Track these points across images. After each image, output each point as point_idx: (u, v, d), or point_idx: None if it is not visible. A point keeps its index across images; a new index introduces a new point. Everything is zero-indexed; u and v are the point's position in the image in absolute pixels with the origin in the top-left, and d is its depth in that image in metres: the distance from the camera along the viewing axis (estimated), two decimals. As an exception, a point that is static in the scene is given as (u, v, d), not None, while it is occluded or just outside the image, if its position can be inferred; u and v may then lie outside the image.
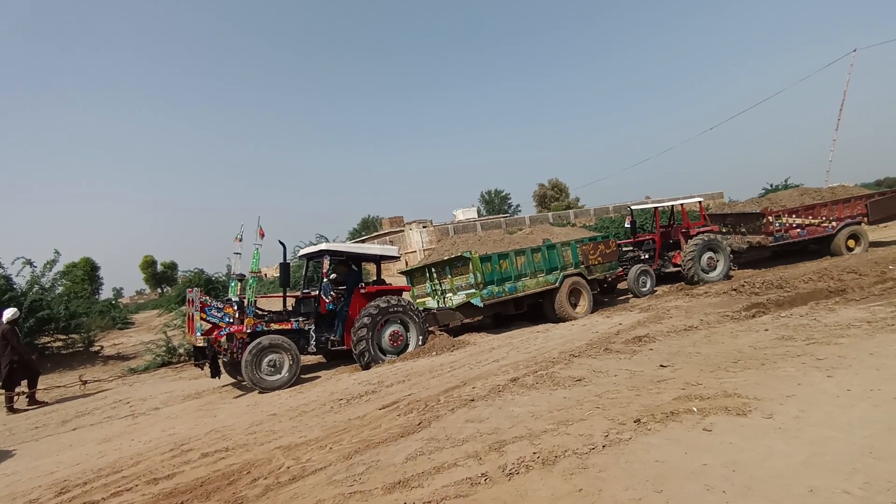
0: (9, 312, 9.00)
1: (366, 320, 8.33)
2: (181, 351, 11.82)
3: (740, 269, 13.18)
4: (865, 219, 13.11)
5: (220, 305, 7.93)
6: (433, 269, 10.53)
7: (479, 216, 44.06)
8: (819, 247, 13.39)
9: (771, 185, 23.64)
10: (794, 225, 12.75)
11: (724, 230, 13.92)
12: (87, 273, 41.99)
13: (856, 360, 4.43)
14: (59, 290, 13.83)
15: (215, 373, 8.31)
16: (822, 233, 12.92)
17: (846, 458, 2.80)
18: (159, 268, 57.56)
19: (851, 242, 12.99)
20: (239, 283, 8.25)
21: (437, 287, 10.49)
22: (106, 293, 48.45)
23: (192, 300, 7.83)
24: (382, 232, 38.91)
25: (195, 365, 8.53)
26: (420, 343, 8.91)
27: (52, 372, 11.85)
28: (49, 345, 12.45)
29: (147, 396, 8.74)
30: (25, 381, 9.13)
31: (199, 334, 7.66)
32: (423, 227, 29.77)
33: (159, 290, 57.10)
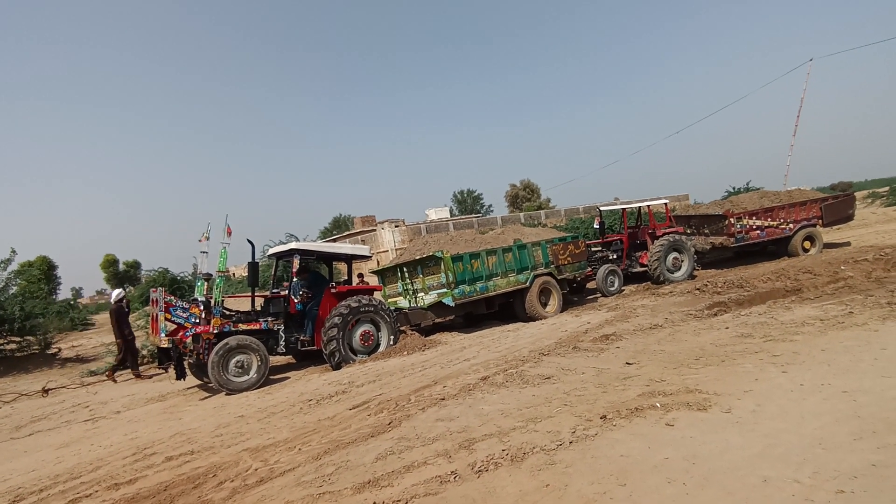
0: (117, 292, 9.03)
1: (336, 320, 8.26)
2: (145, 353, 11.48)
3: (704, 269, 13.60)
4: (820, 221, 13.70)
5: (186, 305, 7.74)
6: (405, 269, 10.52)
7: (451, 216, 44.18)
8: (777, 248, 13.92)
9: (733, 188, 24.34)
10: (754, 227, 13.22)
11: (688, 231, 14.32)
12: (44, 272, 40.26)
13: (809, 357, 4.64)
14: (14, 290, 13.27)
15: (180, 375, 8.10)
16: (780, 234, 13.45)
17: (797, 449, 2.94)
18: (121, 267, 55.60)
19: (807, 244, 13.56)
20: (206, 283, 8.07)
21: (409, 287, 10.48)
22: (64, 293, 46.70)
23: (157, 300, 7.63)
24: (354, 231, 38.61)
25: (159, 367, 8.31)
26: (391, 343, 8.89)
27: (6, 376, 11.35)
28: (2, 347, 11.91)
29: (108, 400, 8.46)
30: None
31: (163, 335, 7.47)
32: (396, 226, 29.68)
33: (121, 290, 55.13)
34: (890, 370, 3.94)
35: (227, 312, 8.15)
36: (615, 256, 13.29)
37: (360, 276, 11.95)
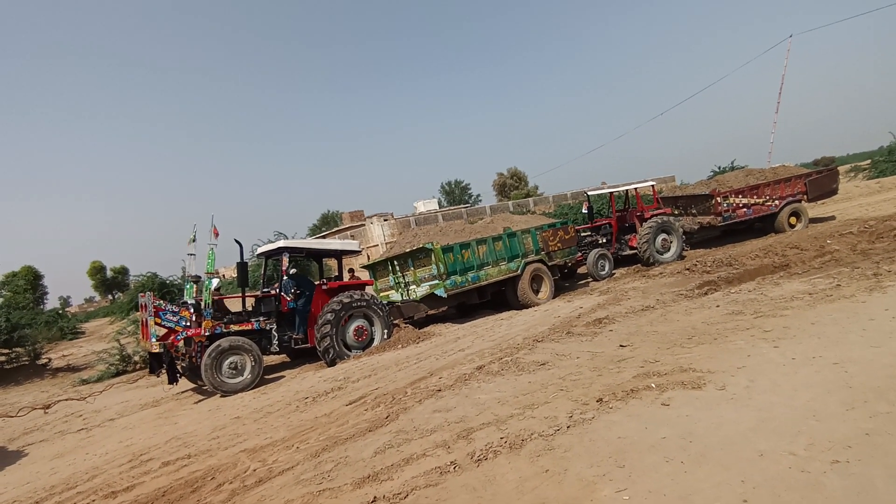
0: (215, 282, 8.56)
1: (329, 316, 8.22)
2: (136, 359, 11.37)
3: (692, 249, 13.68)
4: (805, 196, 13.83)
5: (176, 309, 7.66)
6: (396, 262, 10.48)
7: (440, 207, 44.04)
8: (764, 225, 14.04)
9: (719, 168, 24.44)
10: (740, 205, 13.32)
11: (676, 212, 14.40)
12: (30, 282, 39.71)
13: (799, 330, 4.69)
14: (-1, 301, 13.08)
15: (172, 379, 8.02)
16: (767, 211, 13.56)
17: (791, 421, 2.97)
18: (109, 273, 54.95)
19: (793, 219, 13.69)
20: (195, 285, 7.99)
21: (401, 280, 10.45)
22: (52, 302, 46.10)
23: (146, 305, 7.53)
24: (343, 227, 38.40)
25: (151, 373, 8.22)
26: (385, 337, 8.87)
27: (-4, 388, 11.19)
28: (-10, 360, 11.74)
29: (101, 408, 8.38)
30: None
31: (154, 340, 7.38)
32: (384, 220, 29.57)
33: (110, 297, 54.55)
34: (878, 340, 3.99)
35: (218, 314, 8.08)
36: (605, 240, 13.34)
37: (351, 270, 11.89)
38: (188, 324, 7.62)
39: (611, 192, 14.32)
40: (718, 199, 13.10)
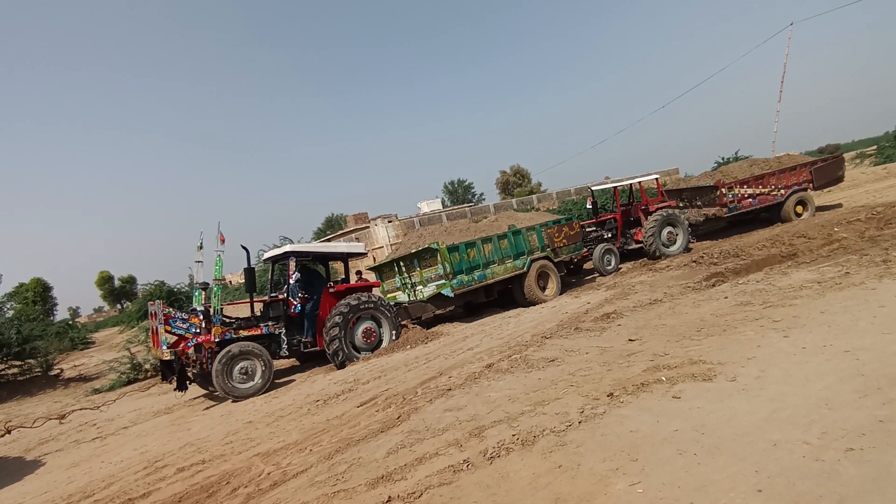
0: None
1: (337, 319, 8.25)
2: (147, 367, 11.45)
3: (699, 241, 13.64)
4: (811, 185, 13.74)
5: (185, 316, 7.71)
6: (402, 263, 10.51)
7: (443, 207, 43.94)
8: (770, 214, 13.97)
9: (722, 159, 24.30)
10: (746, 195, 13.26)
11: (681, 205, 14.35)
12: (39, 294, 40.11)
13: (809, 319, 4.67)
14: (10, 313, 13.22)
15: (181, 386, 8.07)
16: (773, 201, 13.49)
17: (804, 411, 2.96)
18: (117, 283, 55.40)
19: (799, 208, 13.61)
20: (203, 292, 8.04)
21: (407, 280, 10.48)
22: (62, 313, 46.58)
23: (155, 313, 7.59)
24: (348, 229, 38.42)
25: (164, 381, 8.28)
26: (393, 338, 8.90)
27: (10, 400, 11.31)
28: (3, 372, 11.85)
29: (114, 416, 8.44)
30: None
31: (164, 347, 7.43)
32: (389, 221, 29.56)
33: (119, 307, 54.97)
34: (889, 327, 3.96)
35: (227, 320, 8.12)
36: (610, 235, 13.32)
37: (359, 272, 11.93)
38: (198, 330, 7.67)
39: (615, 187, 14.30)
40: (723, 190, 13.05)
